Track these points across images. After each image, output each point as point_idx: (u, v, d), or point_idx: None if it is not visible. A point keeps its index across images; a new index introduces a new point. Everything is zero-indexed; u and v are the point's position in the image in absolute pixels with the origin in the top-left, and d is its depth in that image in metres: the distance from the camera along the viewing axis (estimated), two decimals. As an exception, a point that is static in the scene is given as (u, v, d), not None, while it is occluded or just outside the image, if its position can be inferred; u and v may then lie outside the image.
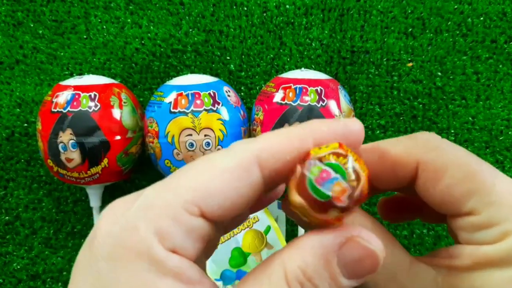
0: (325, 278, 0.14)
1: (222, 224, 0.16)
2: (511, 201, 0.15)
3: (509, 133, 0.42)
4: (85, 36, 0.45)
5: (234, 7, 0.44)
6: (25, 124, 0.44)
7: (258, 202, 0.18)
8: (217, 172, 0.14)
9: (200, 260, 0.16)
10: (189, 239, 0.14)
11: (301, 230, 0.40)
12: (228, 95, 0.38)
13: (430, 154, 0.16)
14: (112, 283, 0.13)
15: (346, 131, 0.16)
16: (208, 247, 0.17)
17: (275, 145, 0.15)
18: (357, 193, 0.13)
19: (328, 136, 0.16)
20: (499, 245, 0.15)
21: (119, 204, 0.15)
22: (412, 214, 0.22)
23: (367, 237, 0.14)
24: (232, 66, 0.44)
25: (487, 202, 0.15)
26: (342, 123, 0.16)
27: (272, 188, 0.17)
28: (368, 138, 0.43)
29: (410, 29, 0.43)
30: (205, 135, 0.35)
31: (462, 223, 0.16)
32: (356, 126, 0.16)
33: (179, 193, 0.14)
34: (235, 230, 0.42)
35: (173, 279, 0.13)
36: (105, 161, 0.37)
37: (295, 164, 0.14)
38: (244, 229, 0.42)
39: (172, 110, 0.36)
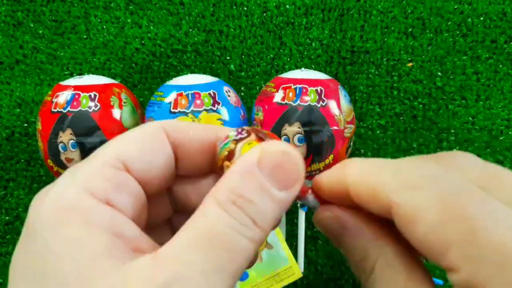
0: (256, 190, 0.14)
1: (151, 189, 0.17)
2: (499, 255, 0.12)
3: (509, 133, 0.42)
4: (85, 36, 0.45)
5: (234, 7, 0.44)
6: (25, 124, 0.44)
7: None
8: (133, 136, 0.16)
9: (142, 226, 0.17)
10: (121, 193, 0.15)
11: (300, 230, 0.40)
12: (228, 95, 0.38)
13: (403, 195, 0.14)
14: (53, 243, 0.13)
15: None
16: (147, 217, 0.17)
17: (178, 123, 0.17)
18: (240, 135, 0.17)
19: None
20: None
21: (45, 187, 0.15)
22: None
23: (280, 144, 0.15)
24: (232, 66, 0.44)
25: (467, 256, 0.13)
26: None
27: (190, 166, 0.18)
28: (368, 138, 0.43)
29: (410, 29, 0.43)
30: (205, 135, 0.35)
31: (449, 277, 0.14)
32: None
33: (102, 154, 0.15)
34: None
35: (105, 231, 0.14)
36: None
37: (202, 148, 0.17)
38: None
39: (172, 110, 0.36)
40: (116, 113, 0.37)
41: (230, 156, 0.17)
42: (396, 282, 0.15)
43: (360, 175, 0.16)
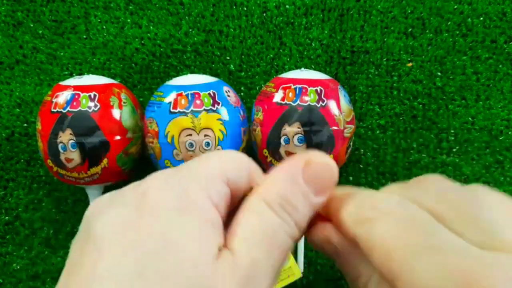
0: (299, 198, 0.17)
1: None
2: None
3: (509, 133, 0.42)
4: (85, 36, 0.45)
5: (234, 7, 0.44)
6: (25, 124, 0.44)
7: None
8: (233, 158, 0.19)
9: None
10: (222, 201, 0.17)
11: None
12: (228, 95, 0.38)
13: (360, 228, 0.16)
14: (175, 230, 0.15)
15: None
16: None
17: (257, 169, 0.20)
18: None
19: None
20: None
21: (161, 172, 0.18)
22: None
23: (320, 155, 0.18)
24: (232, 66, 0.44)
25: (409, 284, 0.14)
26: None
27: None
28: (368, 138, 0.43)
29: (410, 29, 0.43)
30: (205, 135, 0.35)
31: None
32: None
33: (213, 166, 0.18)
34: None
35: (214, 231, 0.16)
36: (105, 161, 0.37)
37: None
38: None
39: (172, 110, 0.36)
40: (116, 113, 0.37)
41: None
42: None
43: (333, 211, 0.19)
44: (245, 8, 0.44)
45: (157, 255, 0.15)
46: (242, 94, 0.44)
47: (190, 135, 0.35)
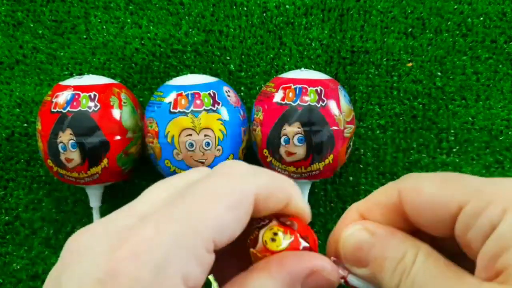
0: None
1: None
2: (491, 184, 0.15)
3: (509, 133, 0.42)
4: (85, 36, 0.45)
5: (234, 7, 0.44)
6: (25, 124, 0.44)
7: None
8: (227, 209, 0.15)
9: None
10: (204, 275, 0.15)
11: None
12: (228, 95, 0.38)
13: (406, 180, 0.17)
14: None
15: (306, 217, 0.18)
16: None
17: (270, 190, 0.17)
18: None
19: (294, 210, 0.18)
20: (505, 222, 0.14)
21: (133, 243, 0.14)
22: None
23: (329, 269, 0.17)
24: (232, 66, 0.44)
25: (470, 191, 0.16)
26: (306, 211, 0.18)
27: None
28: (368, 138, 0.43)
29: (410, 29, 0.43)
30: (205, 135, 0.35)
31: (461, 222, 0.16)
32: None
33: (200, 233, 0.14)
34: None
35: None
36: (105, 161, 0.37)
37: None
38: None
39: (172, 110, 0.36)
40: (116, 113, 0.37)
41: (254, 242, 0.17)
42: (439, 270, 0.16)
43: (366, 199, 0.19)
44: (245, 8, 0.44)
45: None
46: (242, 94, 0.44)
47: (190, 135, 0.35)
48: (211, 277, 0.16)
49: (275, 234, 0.17)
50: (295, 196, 0.18)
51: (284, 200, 0.17)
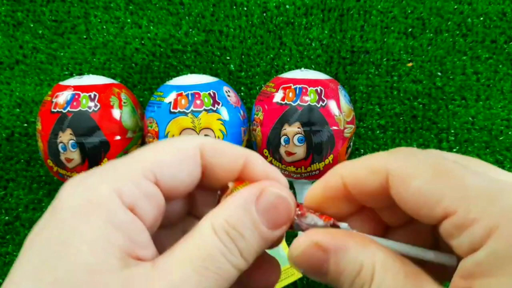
0: (248, 226, 0.16)
1: (172, 202, 0.19)
2: (484, 193, 0.14)
3: (509, 133, 0.42)
4: (85, 36, 0.45)
5: (234, 7, 0.44)
6: (25, 124, 0.44)
7: None
8: (170, 150, 0.17)
9: (155, 233, 0.18)
10: (146, 202, 0.16)
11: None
12: (228, 95, 0.38)
13: (398, 163, 0.16)
14: (73, 232, 0.14)
15: (267, 176, 0.18)
16: (163, 226, 0.18)
17: (215, 146, 0.18)
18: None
19: (257, 172, 0.18)
20: (484, 249, 0.14)
21: (80, 174, 0.17)
22: None
23: (278, 187, 0.17)
24: (232, 66, 0.44)
25: (460, 197, 0.15)
26: (273, 174, 0.18)
27: (209, 184, 0.19)
28: (368, 138, 0.43)
29: (410, 29, 0.43)
30: (205, 135, 0.35)
31: (445, 229, 0.15)
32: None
33: (138, 161, 0.16)
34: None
35: (122, 234, 0.15)
36: (105, 161, 0.37)
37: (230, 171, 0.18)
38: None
39: (172, 110, 0.36)
40: (116, 113, 0.37)
41: (224, 191, 0.18)
42: (398, 281, 0.16)
43: (353, 167, 0.18)
44: (245, 8, 0.44)
45: (52, 261, 0.14)
46: (242, 94, 0.44)
47: (190, 135, 0.35)
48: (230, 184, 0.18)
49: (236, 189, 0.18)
50: (252, 158, 0.18)
51: (236, 159, 0.18)
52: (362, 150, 0.43)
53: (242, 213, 0.16)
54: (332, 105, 0.36)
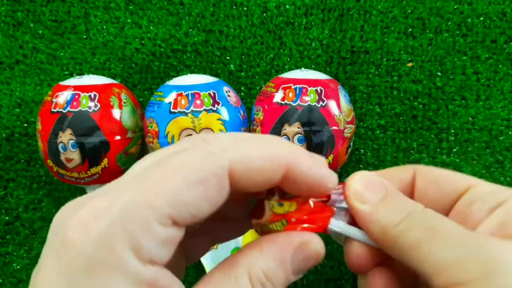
0: (281, 277, 0.17)
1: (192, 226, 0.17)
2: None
3: (509, 133, 0.42)
4: (85, 36, 0.45)
5: (234, 7, 0.44)
6: (25, 124, 0.44)
7: (242, 227, 0.21)
8: (191, 182, 0.14)
9: (175, 259, 0.17)
10: (163, 248, 0.14)
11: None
12: (228, 95, 0.38)
13: (482, 183, 0.19)
14: None
15: (314, 184, 0.17)
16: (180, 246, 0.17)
17: (250, 161, 0.15)
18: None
19: (300, 181, 0.17)
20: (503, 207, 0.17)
21: (84, 211, 0.14)
22: None
23: (317, 241, 0.17)
24: (232, 66, 0.44)
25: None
26: (318, 181, 0.17)
27: (237, 196, 0.17)
28: (368, 138, 0.43)
29: (410, 29, 0.43)
30: (205, 135, 0.35)
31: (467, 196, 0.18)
32: (329, 184, 0.17)
33: (154, 207, 0.14)
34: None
35: None
36: (105, 161, 0.37)
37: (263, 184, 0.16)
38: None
39: (172, 110, 0.36)
40: (116, 113, 0.37)
41: (258, 213, 0.18)
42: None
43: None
44: (245, 8, 0.44)
45: None
46: (242, 94, 0.44)
47: (190, 135, 0.35)
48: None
49: (280, 204, 0.18)
50: (295, 163, 0.16)
51: (277, 172, 0.16)
52: (362, 150, 0.43)
53: (279, 267, 0.16)
54: (332, 105, 0.36)
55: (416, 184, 0.19)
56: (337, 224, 0.19)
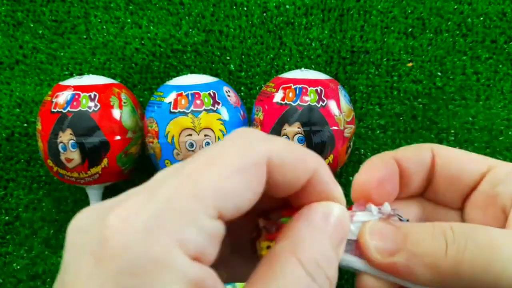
0: (333, 258, 0.15)
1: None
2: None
3: (509, 133, 0.42)
4: (85, 36, 0.45)
5: (234, 7, 0.44)
6: (25, 124, 0.44)
7: None
8: (233, 171, 0.13)
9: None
10: (210, 244, 0.13)
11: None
12: (228, 95, 0.38)
13: (504, 164, 0.19)
14: None
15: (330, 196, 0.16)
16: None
17: (286, 154, 0.15)
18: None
19: (321, 189, 0.16)
20: None
21: (122, 208, 0.13)
22: None
23: (340, 208, 0.16)
24: (232, 66, 0.44)
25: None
26: (336, 193, 0.17)
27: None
28: (368, 138, 0.43)
29: (410, 29, 0.43)
30: (205, 135, 0.35)
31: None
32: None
33: (199, 196, 0.13)
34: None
35: None
36: (105, 161, 0.37)
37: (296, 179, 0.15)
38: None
39: (172, 110, 0.36)
40: (116, 113, 0.37)
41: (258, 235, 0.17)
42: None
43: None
44: (245, 8, 0.44)
45: None
46: (242, 94, 0.44)
47: (190, 135, 0.35)
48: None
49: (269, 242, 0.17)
50: (320, 172, 0.16)
51: (305, 172, 0.15)
52: (362, 150, 0.43)
53: (331, 250, 0.15)
54: (332, 105, 0.36)
55: (436, 163, 0.19)
56: (349, 260, 0.17)
